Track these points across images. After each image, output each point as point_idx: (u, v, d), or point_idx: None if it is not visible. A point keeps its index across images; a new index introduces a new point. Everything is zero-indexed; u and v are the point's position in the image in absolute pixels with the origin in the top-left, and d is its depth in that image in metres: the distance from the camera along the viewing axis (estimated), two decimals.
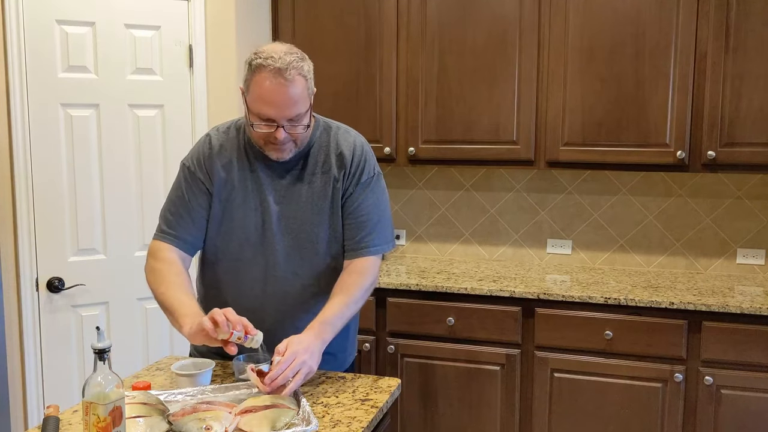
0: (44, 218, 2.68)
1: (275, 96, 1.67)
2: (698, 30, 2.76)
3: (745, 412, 2.58)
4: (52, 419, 1.49)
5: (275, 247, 1.84)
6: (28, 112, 2.61)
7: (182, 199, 1.86)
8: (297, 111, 1.71)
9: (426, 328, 2.91)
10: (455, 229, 3.48)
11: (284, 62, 1.67)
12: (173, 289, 1.74)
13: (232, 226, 1.85)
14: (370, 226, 1.86)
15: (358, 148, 1.88)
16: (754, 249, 3.08)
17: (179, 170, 1.90)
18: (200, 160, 1.87)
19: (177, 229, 1.85)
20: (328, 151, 1.86)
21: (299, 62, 1.70)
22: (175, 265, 1.81)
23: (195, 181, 1.86)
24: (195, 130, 2.92)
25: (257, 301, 1.86)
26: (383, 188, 1.93)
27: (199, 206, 1.85)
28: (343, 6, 3.17)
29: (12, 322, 2.63)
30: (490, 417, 2.87)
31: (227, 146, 1.87)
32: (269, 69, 1.67)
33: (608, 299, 2.68)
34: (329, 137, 1.88)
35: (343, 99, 3.20)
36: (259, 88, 1.69)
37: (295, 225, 1.84)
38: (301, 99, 1.70)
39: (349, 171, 1.85)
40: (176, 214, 1.86)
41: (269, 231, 1.84)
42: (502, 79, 2.99)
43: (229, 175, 1.85)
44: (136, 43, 2.80)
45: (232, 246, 1.86)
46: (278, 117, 1.70)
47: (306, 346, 1.61)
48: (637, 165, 2.88)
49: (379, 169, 1.93)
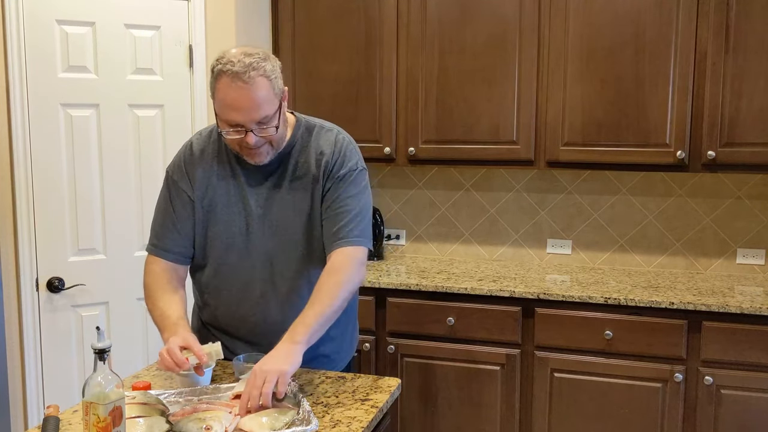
0: (44, 218, 2.68)
1: (238, 101, 1.64)
2: (698, 30, 2.76)
3: (745, 412, 2.58)
4: (52, 419, 1.49)
5: (260, 250, 1.84)
6: (28, 112, 2.61)
7: (167, 210, 1.87)
8: (264, 113, 1.66)
9: (426, 328, 2.91)
10: (455, 229, 3.48)
11: (243, 65, 1.63)
12: (157, 303, 1.80)
13: (216, 230, 1.85)
14: (349, 218, 1.79)
15: (338, 144, 1.84)
16: (754, 249, 3.08)
17: (164, 178, 1.90)
18: (182, 167, 1.86)
19: (164, 241, 1.85)
20: (309, 152, 1.84)
21: (260, 63, 1.65)
22: (161, 277, 1.83)
23: (177, 191, 1.86)
24: (195, 130, 2.92)
25: (245, 304, 1.86)
26: (366, 186, 1.87)
27: (184, 215, 1.85)
28: (343, 6, 3.16)
29: (12, 322, 2.63)
30: (490, 417, 2.87)
31: (208, 150, 1.86)
32: (228, 74, 1.63)
33: (608, 299, 2.68)
34: (310, 137, 1.85)
35: (343, 99, 3.20)
36: (222, 95, 1.65)
37: (279, 227, 1.83)
38: (265, 101, 1.66)
39: (327, 168, 1.82)
40: (163, 225, 1.87)
41: (253, 234, 1.83)
42: (502, 79, 2.99)
43: (210, 180, 1.84)
44: (136, 43, 2.80)
45: (217, 250, 1.86)
46: (245, 122, 1.66)
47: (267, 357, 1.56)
48: (637, 165, 2.88)
49: (363, 165, 1.88)
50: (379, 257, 3.42)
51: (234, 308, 1.88)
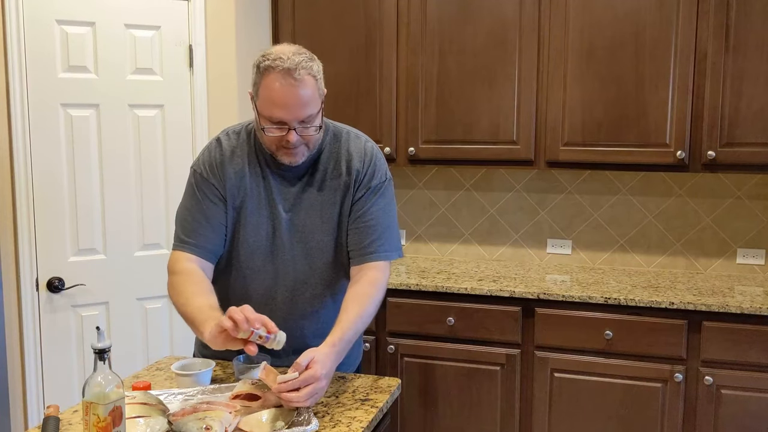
0: (44, 218, 2.68)
1: (286, 97, 1.64)
2: (698, 30, 2.76)
3: (745, 412, 2.58)
4: (52, 419, 1.49)
5: (285, 255, 1.82)
6: (28, 112, 2.61)
7: (198, 206, 1.80)
8: (308, 112, 1.67)
9: (426, 328, 2.91)
10: (455, 229, 3.48)
11: (293, 62, 1.64)
12: (192, 298, 1.67)
13: (243, 233, 1.82)
14: (379, 231, 1.80)
15: (368, 154, 1.84)
16: (754, 249, 3.08)
17: (190, 176, 1.85)
18: (212, 166, 1.82)
19: (195, 237, 1.79)
20: (339, 158, 1.82)
21: (308, 62, 1.67)
22: (194, 274, 1.74)
23: (209, 187, 1.81)
24: (195, 130, 2.92)
25: (266, 309, 1.82)
26: (392, 195, 1.87)
27: (216, 212, 1.80)
28: (343, 6, 3.16)
29: (12, 322, 2.63)
30: (490, 417, 2.87)
31: (239, 151, 1.83)
32: (278, 70, 1.63)
33: (608, 299, 2.68)
34: (339, 144, 1.84)
35: (343, 99, 3.20)
36: (268, 91, 1.65)
37: (305, 233, 1.81)
38: (312, 100, 1.67)
39: (358, 177, 1.81)
40: (194, 221, 1.80)
41: (279, 239, 1.81)
42: (502, 79, 2.99)
43: (242, 181, 1.80)
44: (136, 43, 2.80)
45: (242, 254, 1.83)
46: (290, 119, 1.66)
47: (328, 371, 1.53)
48: (637, 165, 2.88)
49: (390, 175, 1.88)
50: None
51: None
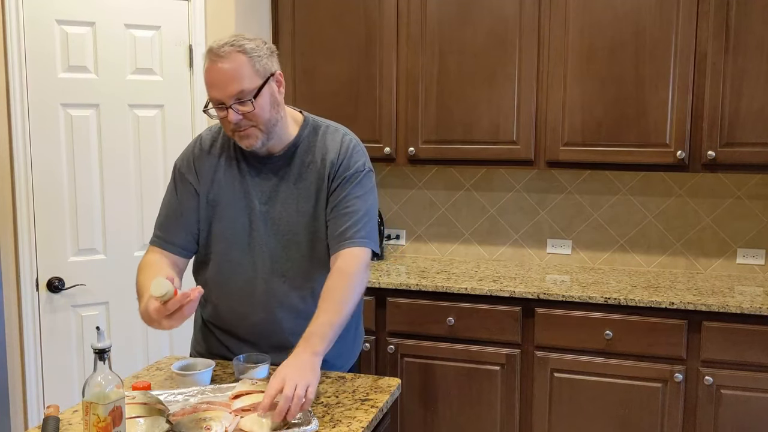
0: (44, 218, 2.68)
1: (213, 75, 1.67)
2: (698, 30, 2.76)
3: (745, 412, 2.58)
4: (52, 419, 1.49)
5: (262, 248, 1.83)
6: (28, 112, 2.61)
7: (173, 203, 1.87)
8: (239, 87, 1.65)
9: (426, 328, 2.91)
10: (455, 229, 3.48)
11: (220, 43, 1.68)
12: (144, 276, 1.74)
13: (220, 226, 1.85)
14: (356, 218, 1.77)
15: (345, 145, 1.84)
16: (754, 249, 3.09)
17: (172, 171, 1.91)
18: (190, 161, 1.87)
19: (166, 233, 1.85)
20: (315, 152, 1.83)
21: (240, 41, 1.68)
22: (160, 261, 1.81)
23: (184, 183, 1.86)
24: (195, 130, 2.92)
25: (246, 302, 1.86)
26: (372, 188, 1.86)
27: (189, 209, 1.85)
28: (343, 6, 3.16)
29: (12, 322, 2.63)
30: (490, 417, 2.87)
31: (217, 145, 1.87)
32: (209, 52, 1.69)
33: (608, 299, 2.68)
34: (317, 137, 1.85)
35: (343, 99, 3.20)
36: (204, 74, 1.71)
37: (281, 226, 1.83)
38: (240, 75, 1.65)
39: (333, 168, 1.81)
40: (168, 217, 1.87)
41: (256, 232, 1.83)
42: (502, 79, 2.99)
43: (217, 174, 1.84)
44: (136, 43, 2.80)
45: (220, 246, 1.86)
46: (222, 96, 1.67)
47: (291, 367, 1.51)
48: (637, 165, 2.88)
49: (370, 167, 1.87)
50: (379, 257, 3.42)
51: (235, 306, 1.87)
